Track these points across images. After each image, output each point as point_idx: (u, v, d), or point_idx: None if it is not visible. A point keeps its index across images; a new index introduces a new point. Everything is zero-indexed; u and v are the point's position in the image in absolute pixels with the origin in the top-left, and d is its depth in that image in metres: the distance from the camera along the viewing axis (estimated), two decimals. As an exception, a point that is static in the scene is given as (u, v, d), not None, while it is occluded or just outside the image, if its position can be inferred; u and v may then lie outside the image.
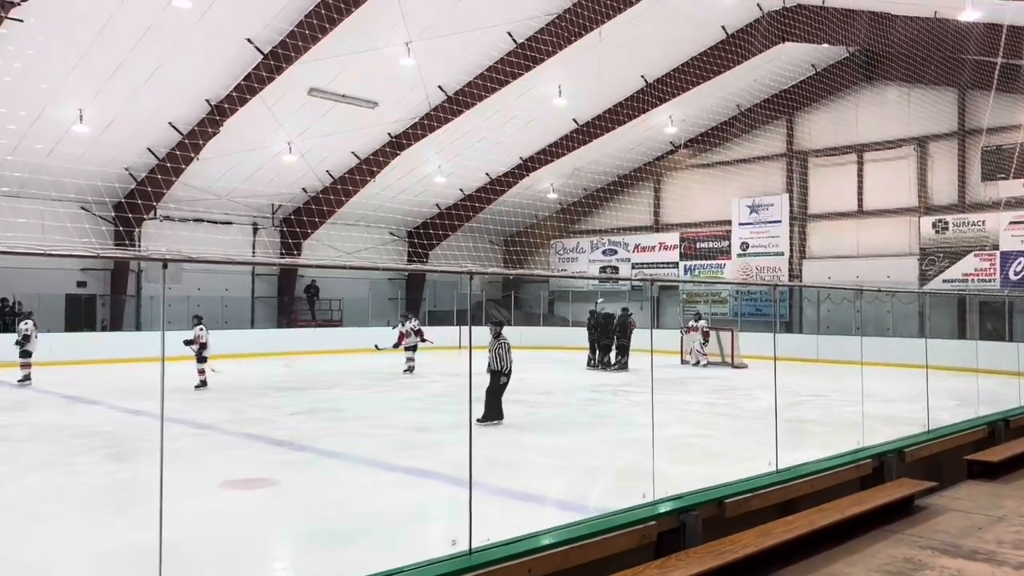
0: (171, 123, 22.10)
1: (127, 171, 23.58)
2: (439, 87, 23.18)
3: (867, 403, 9.88)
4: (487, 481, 7.73)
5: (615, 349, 21.90)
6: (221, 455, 10.15)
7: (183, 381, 16.42)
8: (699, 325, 23.51)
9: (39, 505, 7.71)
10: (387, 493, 8.25)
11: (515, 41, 21.64)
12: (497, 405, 11.93)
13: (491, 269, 14.99)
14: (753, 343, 21.75)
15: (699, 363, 22.84)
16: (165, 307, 22.19)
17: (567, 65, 22.45)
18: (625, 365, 21.49)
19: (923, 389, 10.09)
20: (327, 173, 26.80)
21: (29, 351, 17.91)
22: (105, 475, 9.00)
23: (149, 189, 23.80)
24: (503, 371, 11.85)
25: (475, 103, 23.34)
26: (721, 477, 6.86)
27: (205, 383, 16.58)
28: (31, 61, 17.66)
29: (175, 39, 18.59)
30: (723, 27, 23.43)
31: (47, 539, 6.68)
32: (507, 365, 11.88)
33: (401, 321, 20.90)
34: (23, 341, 17.85)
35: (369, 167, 26.23)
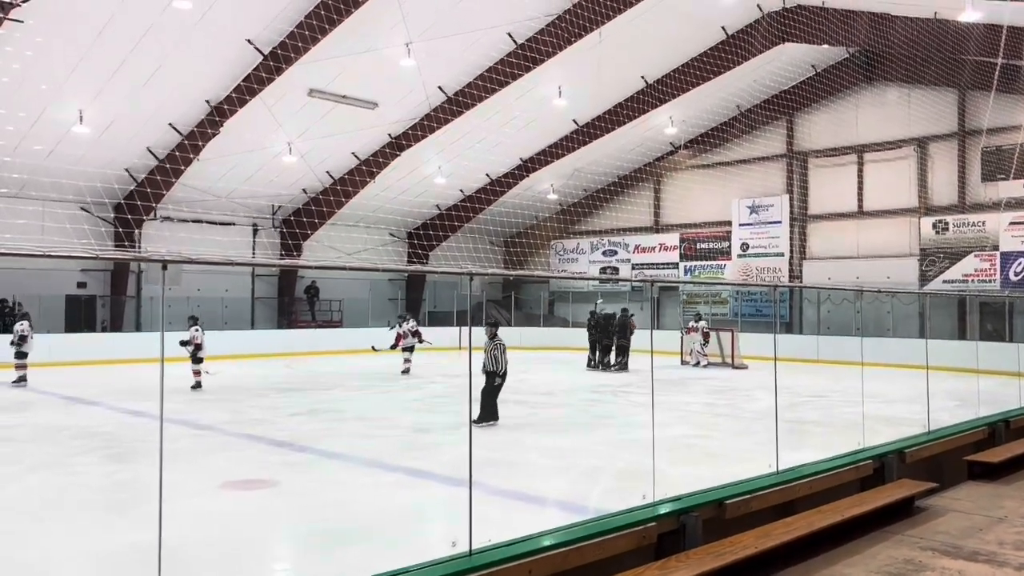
0: (171, 124, 22.10)
1: (127, 172, 23.57)
2: (439, 88, 23.18)
3: (867, 404, 9.89)
4: (487, 482, 7.74)
5: (615, 350, 21.92)
6: (221, 456, 10.15)
7: (183, 382, 16.46)
8: (699, 326, 23.50)
9: (39, 506, 7.71)
10: (387, 494, 8.25)
11: (515, 42, 21.64)
12: (492, 406, 11.94)
13: (491, 270, 15.00)
14: (753, 344, 21.76)
15: (699, 364, 22.85)
16: (165, 308, 22.33)
17: (567, 66, 22.45)
18: (625, 366, 21.50)
19: (923, 390, 10.09)
20: (327, 174, 26.81)
21: (25, 352, 17.88)
22: (105, 476, 9.00)
23: (149, 190, 23.81)
24: (498, 372, 11.87)
25: (475, 104, 23.35)
26: (721, 478, 6.86)
27: (200, 384, 16.54)
28: (31, 62, 17.65)
29: (175, 40, 18.59)
30: (723, 28, 23.44)
31: (47, 540, 6.68)
32: (502, 366, 11.90)
33: (398, 322, 20.88)
34: (19, 342, 17.80)
35: (369, 168, 26.23)
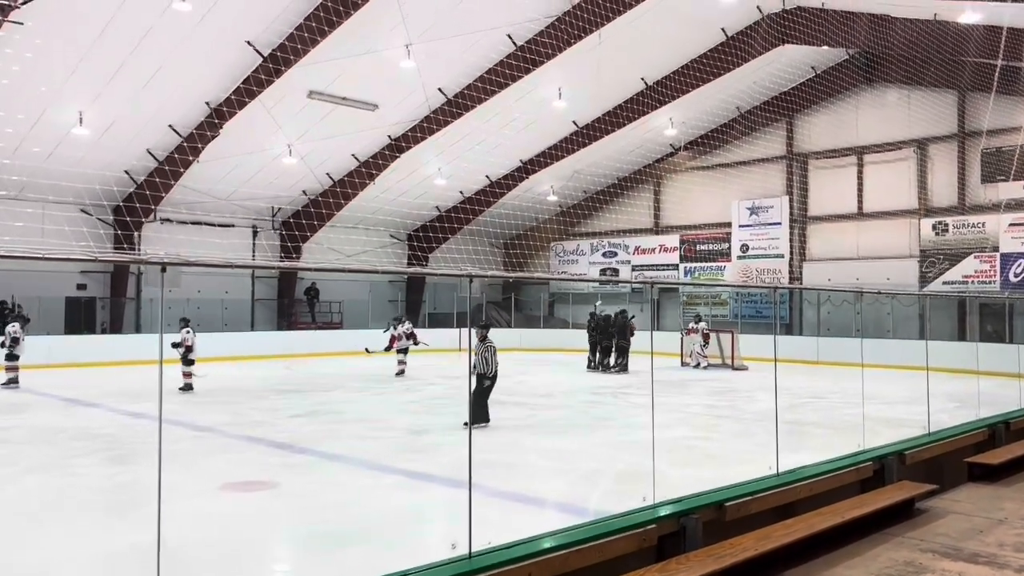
0: (171, 126, 22.10)
1: (127, 174, 23.57)
2: (439, 89, 23.19)
3: (867, 405, 9.88)
4: (487, 483, 7.73)
5: (614, 351, 21.91)
6: (221, 457, 10.15)
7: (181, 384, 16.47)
8: (699, 327, 23.50)
9: (38, 507, 7.71)
10: (387, 496, 8.25)
11: (515, 43, 21.65)
12: (483, 408, 11.94)
13: (490, 272, 14.99)
14: (753, 345, 21.75)
15: (699, 365, 22.84)
16: (164, 309, 22.31)
17: (567, 67, 22.46)
18: (625, 367, 21.49)
19: (923, 391, 10.09)
20: (327, 175, 26.81)
21: (16, 355, 17.78)
22: (105, 478, 8.99)
23: (148, 192, 23.82)
24: (487, 374, 11.88)
25: (475, 105, 23.35)
26: (721, 479, 6.86)
27: (191, 386, 16.43)
28: (30, 64, 17.65)
29: (175, 42, 18.59)
30: (723, 29, 23.44)
31: (47, 540, 6.68)
32: (492, 368, 11.91)
33: (393, 324, 20.84)
34: (12, 344, 17.69)
35: (369, 169, 26.23)
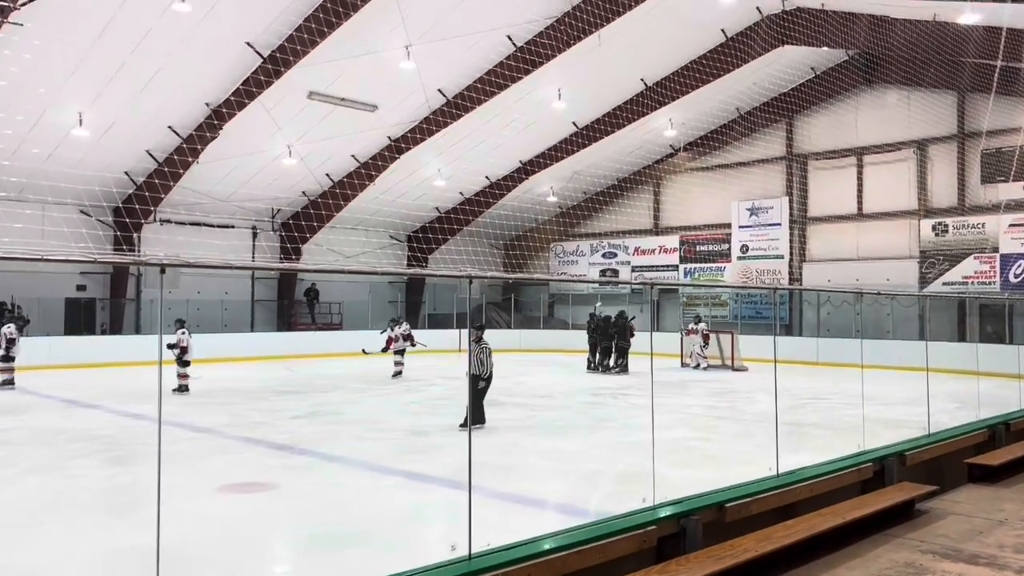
0: (170, 127, 22.09)
1: (126, 175, 23.55)
2: (439, 90, 23.19)
3: (867, 406, 9.87)
4: (487, 485, 7.72)
5: (614, 352, 21.90)
6: (221, 459, 10.14)
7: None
8: (699, 328, 23.49)
9: (39, 508, 7.70)
10: (387, 497, 8.25)
11: (515, 44, 21.65)
12: (479, 408, 11.94)
13: (490, 273, 15.00)
14: (753, 346, 21.75)
15: (699, 366, 22.84)
16: (163, 311, 22.29)
17: (567, 68, 22.45)
18: (625, 368, 21.49)
19: (923, 392, 10.09)
20: (327, 176, 26.80)
21: (12, 356, 17.74)
22: (105, 479, 8.99)
23: (148, 193, 23.82)
24: (482, 376, 11.88)
25: (475, 106, 23.36)
26: (721, 480, 6.85)
27: (186, 388, 16.39)
28: (30, 65, 17.64)
29: (174, 43, 18.59)
30: (722, 30, 23.45)
31: (47, 541, 6.67)
32: (487, 370, 11.91)
33: (390, 326, 20.82)
34: (7, 346, 17.66)
35: (369, 170, 26.23)
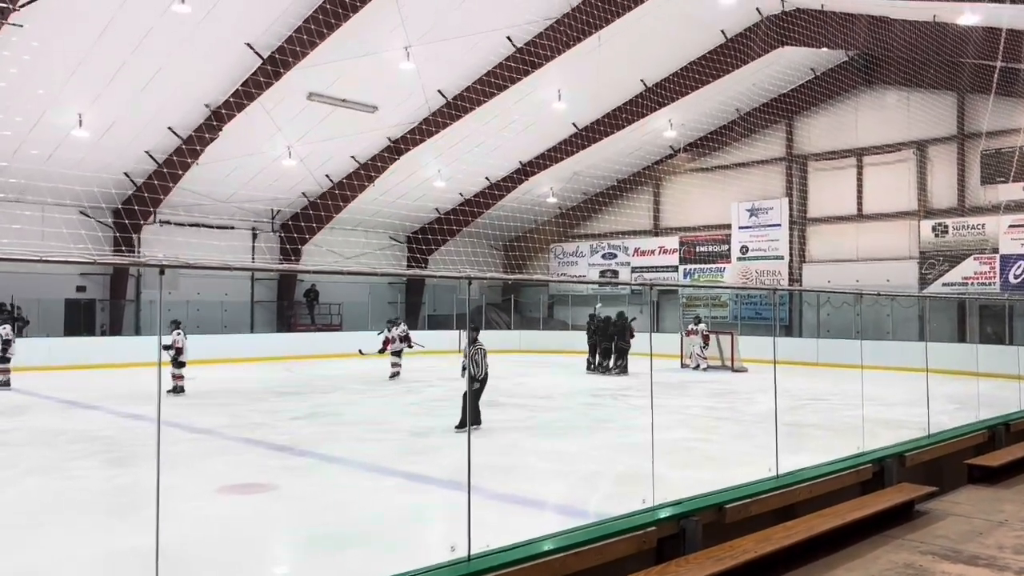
0: (170, 128, 22.09)
1: (126, 176, 23.56)
2: (438, 91, 23.20)
3: (867, 407, 9.88)
4: (486, 486, 7.73)
5: (614, 353, 21.90)
6: (220, 460, 10.13)
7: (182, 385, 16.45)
8: (699, 329, 23.49)
9: (39, 509, 7.70)
10: (387, 498, 8.25)
11: (514, 45, 21.66)
12: (474, 409, 11.94)
13: (490, 274, 14.98)
14: (753, 347, 21.75)
15: (699, 367, 22.83)
16: (163, 312, 22.31)
17: (566, 69, 22.46)
18: (625, 369, 21.48)
19: (923, 393, 10.08)
20: (326, 177, 26.80)
21: (8, 357, 17.72)
22: (105, 480, 8.99)
23: (147, 195, 23.81)
24: (478, 377, 11.90)
25: (474, 107, 23.36)
26: (721, 481, 6.85)
27: (182, 388, 16.35)
28: (29, 66, 17.65)
29: (174, 44, 18.59)
30: (722, 31, 23.46)
31: (47, 542, 6.67)
32: (482, 371, 11.93)
33: (387, 327, 20.80)
34: (4, 347, 17.63)
35: (368, 171, 26.23)
